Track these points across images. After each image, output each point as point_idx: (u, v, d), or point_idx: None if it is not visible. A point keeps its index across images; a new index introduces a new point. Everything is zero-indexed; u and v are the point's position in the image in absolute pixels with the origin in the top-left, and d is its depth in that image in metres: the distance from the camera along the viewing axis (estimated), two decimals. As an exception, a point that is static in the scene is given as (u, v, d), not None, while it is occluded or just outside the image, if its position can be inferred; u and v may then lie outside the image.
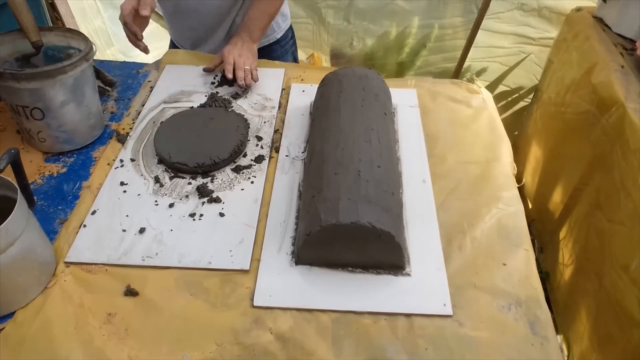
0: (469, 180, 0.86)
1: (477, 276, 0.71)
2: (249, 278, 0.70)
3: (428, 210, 0.80)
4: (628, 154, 0.97)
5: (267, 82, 1.08)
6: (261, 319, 0.66)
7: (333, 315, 0.66)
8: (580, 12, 1.33)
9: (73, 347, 0.62)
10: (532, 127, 1.50)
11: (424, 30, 1.76)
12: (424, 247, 0.74)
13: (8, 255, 0.60)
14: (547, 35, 1.61)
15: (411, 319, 0.66)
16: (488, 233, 0.77)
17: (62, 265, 0.71)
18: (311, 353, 0.62)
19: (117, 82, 1.08)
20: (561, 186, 1.27)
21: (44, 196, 0.82)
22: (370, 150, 0.75)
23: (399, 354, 0.62)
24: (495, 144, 0.94)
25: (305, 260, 0.71)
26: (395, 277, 0.70)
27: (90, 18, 1.87)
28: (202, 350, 0.62)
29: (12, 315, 0.66)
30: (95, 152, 0.91)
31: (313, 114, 0.95)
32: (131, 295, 0.68)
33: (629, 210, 0.95)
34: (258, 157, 0.89)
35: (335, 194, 0.68)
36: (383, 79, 0.95)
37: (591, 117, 1.13)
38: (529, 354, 0.63)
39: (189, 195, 0.82)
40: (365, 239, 0.65)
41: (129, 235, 0.75)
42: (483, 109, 1.02)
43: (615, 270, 0.96)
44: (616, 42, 1.18)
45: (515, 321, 0.66)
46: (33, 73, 0.77)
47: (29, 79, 0.77)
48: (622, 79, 1.06)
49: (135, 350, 0.62)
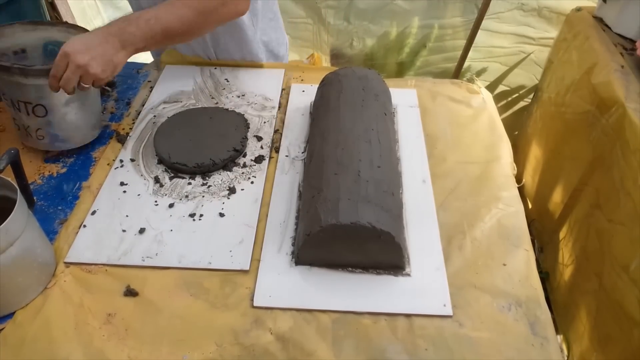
0: (469, 181, 0.86)
1: (477, 276, 0.71)
2: (249, 278, 0.70)
3: (428, 211, 0.80)
4: (628, 154, 0.97)
5: (267, 82, 1.08)
6: (261, 320, 0.66)
7: (333, 315, 0.66)
8: (580, 12, 1.33)
9: (73, 348, 0.62)
10: (532, 127, 1.50)
11: (424, 30, 1.76)
12: (424, 247, 0.74)
13: (8, 255, 0.60)
14: (547, 35, 1.61)
15: (411, 319, 0.66)
16: (488, 233, 0.77)
17: (61, 266, 0.71)
18: (311, 353, 0.62)
19: (117, 82, 1.08)
20: (561, 186, 1.27)
21: (44, 196, 0.82)
22: (370, 151, 0.75)
23: (399, 354, 0.62)
24: (495, 144, 0.94)
25: (305, 261, 0.71)
26: (395, 277, 0.70)
27: (90, 18, 1.87)
28: (202, 350, 0.62)
29: (11, 316, 0.66)
30: (95, 152, 0.91)
31: (313, 114, 0.95)
32: (131, 296, 0.68)
33: (629, 210, 0.95)
34: (258, 157, 0.89)
35: (335, 194, 0.68)
36: (383, 79, 0.95)
37: (591, 117, 1.13)
38: (529, 354, 0.63)
39: (189, 195, 0.82)
40: (365, 239, 0.65)
41: (128, 236, 0.75)
42: (483, 109, 1.02)
43: (615, 270, 0.96)
44: (616, 42, 1.18)
45: (515, 321, 0.66)
46: (42, 69, 0.76)
47: (38, 75, 0.76)
48: (622, 79, 1.06)
49: (135, 351, 0.62)
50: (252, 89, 1.06)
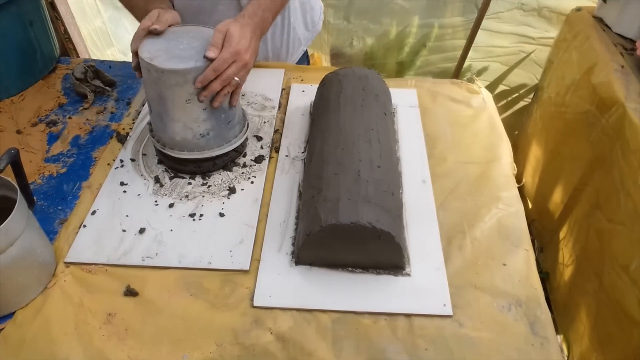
0: (469, 181, 0.86)
1: (477, 276, 0.71)
2: (248, 278, 0.70)
3: (428, 211, 0.80)
4: (628, 154, 0.97)
5: (267, 82, 1.08)
6: (261, 319, 0.66)
7: (333, 315, 0.66)
8: (580, 12, 1.33)
9: (73, 348, 0.62)
10: (532, 127, 1.50)
11: (424, 30, 1.76)
12: (424, 247, 0.74)
13: (8, 255, 0.60)
14: (547, 35, 1.61)
15: (411, 319, 0.66)
16: (488, 233, 0.77)
17: (61, 266, 0.71)
18: (311, 353, 0.62)
19: (117, 82, 1.08)
20: (561, 186, 1.27)
21: (44, 196, 0.82)
22: (370, 151, 0.75)
23: (399, 354, 0.62)
24: (495, 144, 0.94)
25: (305, 261, 0.71)
26: (395, 277, 0.70)
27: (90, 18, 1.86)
28: (202, 350, 0.62)
29: (11, 316, 0.65)
30: (95, 152, 0.91)
31: (313, 114, 0.95)
32: (131, 296, 0.68)
33: (629, 210, 0.95)
34: (258, 157, 0.89)
35: (335, 194, 0.68)
36: (383, 79, 0.95)
37: (591, 117, 1.13)
38: (529, 354, 0.63)
39: (189, 195, 0.82)
40: (365, 239, 0.65)
41: (128, 236, 0.75)
42: (483, 109, 1.02)
43: (615, 270, 0.96)
44: (616, 42, 1.18)
45: (515, 321, 0.66)
46: None
47: None
48: (622, 79, 1.06)
49: (135, 351, 0.62)
50: (252, 88, 1.06)
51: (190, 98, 0.75)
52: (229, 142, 0.84)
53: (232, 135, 0.84)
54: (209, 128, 0.80)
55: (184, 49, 0.74)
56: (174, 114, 0.77)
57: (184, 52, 0.73)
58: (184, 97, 0.74)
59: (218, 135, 0.82)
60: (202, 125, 0.79)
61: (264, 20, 0.79)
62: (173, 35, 0.77)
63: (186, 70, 0.71)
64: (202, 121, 0.78)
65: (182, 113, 0.77)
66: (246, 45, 0.73)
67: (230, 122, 0.82)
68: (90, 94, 1.02)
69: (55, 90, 1.06)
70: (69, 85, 1.06)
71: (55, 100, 1.03)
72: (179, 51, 0.74)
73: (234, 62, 0.73)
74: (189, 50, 0.74)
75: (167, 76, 0.72)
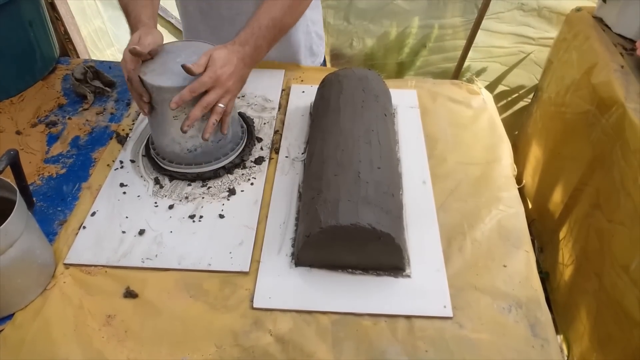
0: (469, 182, 0.86)
1: (477, 278, 0.71)
2: (248, 280, 0.70)
3: (428, 212, 0.80)
4: (628, 154, 0.97)
5: (266, 83, 1.07)
6: (261, 321, 0.66)
7: (333, 317, 0.66)
8: (580, 12, 1.33)
9: (72, 349, 0.62)
10: (532, 127, 1.50)
11: (424, 30, 1.76)
12: (424, 248, 0.74)
13: (7, 256, 0.60)
14: (547, 35, 1.61)
15: (411, 321, 0.66)
16: (488, 234, 0.77)
17: (61, 267, 0.71)
18: (311, 355, 0.62)
19: (117, 82, 1.08)
20: (561, 186, 1.27)
21: (44, 197, 0.82)
22: (370, 152, 0.75)
23: (399, 356, 0.62)
24: (496, 145, 0.94)
25: (305, 262, 0.71)
26: (395, 278, 0.70)
27: (90, 18, 1.86)
28: (202, 352, 0.62)
29: (11, 317, 0.65)
30: (94, 153, 0.91)
31: (313, 115, 0.95)
32: (131, 297, 0.68)
33: (629, 210, 0.95)
34: (258, 159, 0.89)
35: (335, 196, 0.68)
36: (383, 80, 0.95)
37: (591, 117, 1.13)
38: (529, 356, 0.63)
39: (189, 196, 0.81)
40: (365, 240, 0.65)
41: (128, 237, 0.75)
42: (483, 110, 1.02)
43: (615, 270, 0.96)
44: (616, 42, 1.18)
45: (515, 323, 0.66)
46: None
47: None
48: (622, 79, 1.05)
49: (134, 352, 0.62)
50: (252, 89, 1.05)
51: (177, 115, 0.75)
52: (219, 159, 0.84)
53: (221, 153, 0.84)
54: (196, 145, 0.81)
55: (179, 64, 0.73)
56: (164, 127, 0.79)
57: (176, 68, 0.74)
58: (171, 113, 0.75)
59: (206, 152, 0.82)
60: (189, 141, 0.80)
61: (256, 49, 0.76)
62: (175, 48, 0.79)
63: (174, 89, 0.71)
64: (190, 138, 0.79)
65: (171, 128, 0.78)
66: (229, 72, 0.71)
67: (220, 141, 0.83)
68: (90, 94, 1.02)
69: (55, 91, 1.05)
70: (68, 85, 1.06)
71: (54, 100, 1.03)
72: (172, 66, 0.75)
73: (214, 87, 0.71)
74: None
75: (156, 92, 0.74)
